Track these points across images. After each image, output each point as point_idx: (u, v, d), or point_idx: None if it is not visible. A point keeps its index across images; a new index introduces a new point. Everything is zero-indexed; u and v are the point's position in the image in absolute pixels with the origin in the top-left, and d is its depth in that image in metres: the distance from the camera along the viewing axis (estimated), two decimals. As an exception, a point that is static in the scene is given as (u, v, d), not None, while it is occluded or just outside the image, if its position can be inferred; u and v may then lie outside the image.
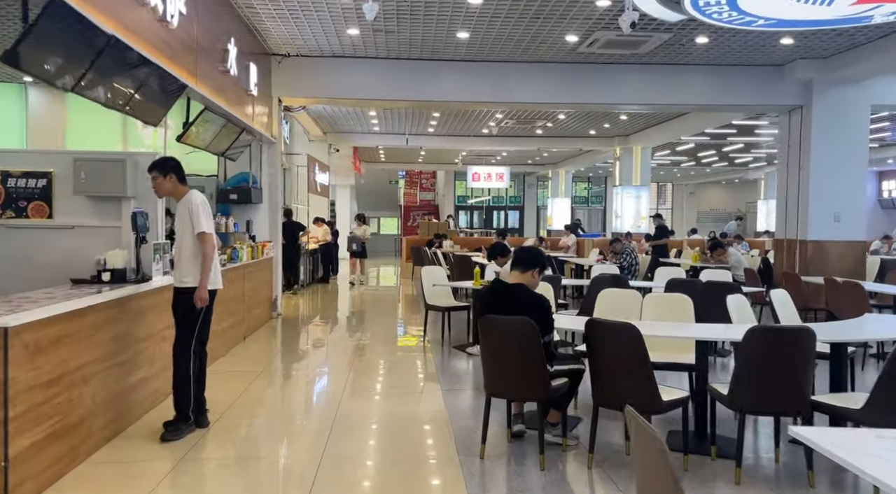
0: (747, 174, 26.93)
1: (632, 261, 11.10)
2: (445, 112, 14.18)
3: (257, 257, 8.38)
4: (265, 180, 9.46)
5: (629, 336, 3.47)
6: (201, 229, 4.18)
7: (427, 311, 7.82)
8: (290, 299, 12.10)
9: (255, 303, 8.43)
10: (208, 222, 4.24)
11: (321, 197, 16.40)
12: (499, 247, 7.10)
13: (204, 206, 4.23)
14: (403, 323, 9.71)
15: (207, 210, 4.25)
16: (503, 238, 12.76)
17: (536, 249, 4.19)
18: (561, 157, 23.32)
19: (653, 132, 16.01)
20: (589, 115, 14.26)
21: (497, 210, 31.90)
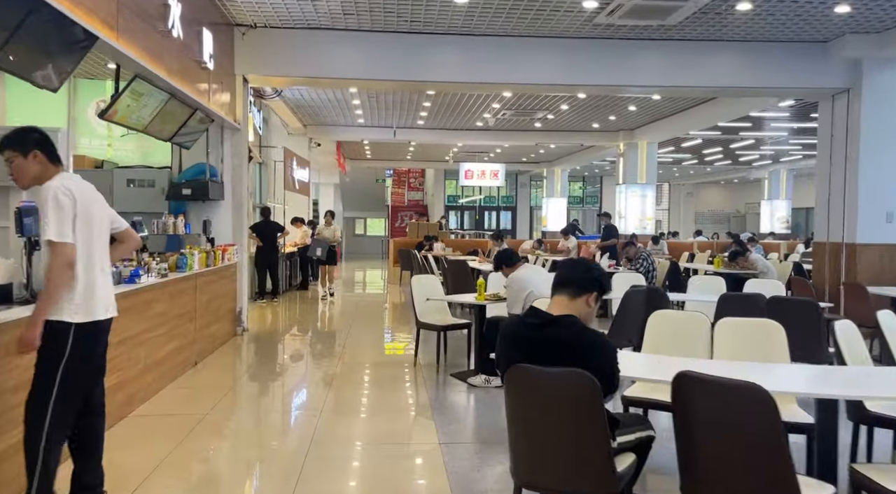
0: (750, 173, 25.84)
1: (649, 268, 9.81)
2: (437, 102, 12.84)
3: (215, 264, 6.99)
4: (228, 173, 8.06)
5: (754, 402, 2.14)
6: (46, 236, 2.77)
7: (419, 329, 6.46)
8: (263, 309, 10.70)
9: (213, 319, 7.03)
10: (62, 225, 2.81)
11: (301, 195, 14.99)
12: (506, 254, 5.77)
13: (58, 200, 2.79)
14: (391, 339, 8.34)
15: (65, 205, 2.82)
16: (501, 241, 11.44)
17: (589, 263, 2.80)
18: (558, 154, 22.05)
19: (660, 126, 14.76)
20: (595, 106, 12.97)
21: (489, 210, 30.62)
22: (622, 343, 5.30)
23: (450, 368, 6.33)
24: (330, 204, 23.53)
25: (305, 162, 14.78)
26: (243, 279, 8.23)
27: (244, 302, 8.31)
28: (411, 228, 17.19)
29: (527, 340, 2.51)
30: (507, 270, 5.68)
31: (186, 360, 6.10)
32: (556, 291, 2.59)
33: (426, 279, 6.67)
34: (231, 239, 8.08)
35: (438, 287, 6.66)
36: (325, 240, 11.80)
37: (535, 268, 5.91)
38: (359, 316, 10.35)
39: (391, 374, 6.29)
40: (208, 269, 6.76)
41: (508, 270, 5.67)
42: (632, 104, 12.70)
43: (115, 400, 4.48)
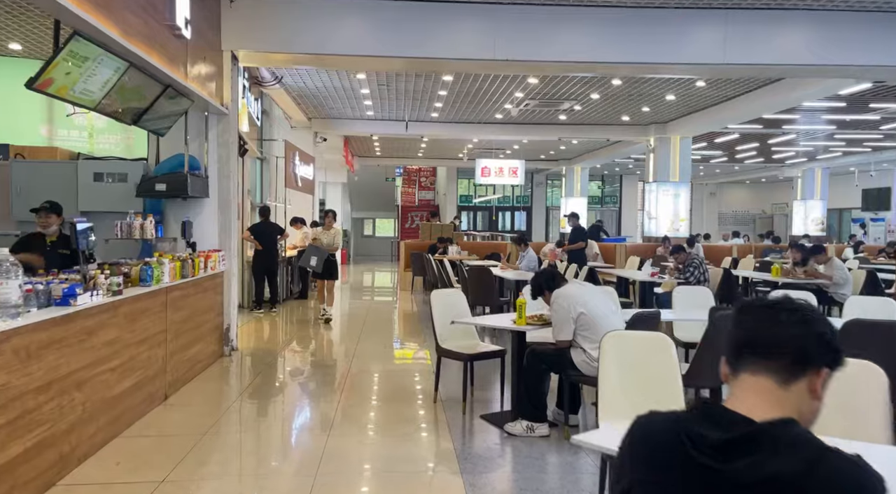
0: (782, 171, 24.42)
1: (700, 277, 8.54)
2: (454, 90, 11.61)
3: (194, 273, 5.80)
4: (213, 166, 6.87)
5: None
6: None
7: (440, 358, 5.23)
8: (260, 321, 9.51)
9: (192, 340, 5.84)
10: None
11: (304, 193, 13.80)
12: (547, 276, 4.58)
13: None
14: (404, 364, 7.11)
15: None
16: (525, 245, 10.18)
17: (803, 308, 1.47)
18: (579, 151, 20.76)
19: (697, 119, 13.46)
20: (629, 94, 11.70)
21: (502, 211, 29.38)
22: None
23: (478, 407, 5.10)
24: (337, 203, 22.38)
25: (310, 157, 13.61)
26: (232, 290, 7.04)
27: (233, 316, 7.12)
28: (423, 229, 15.98)
29: (698, 477, 1.23)
30: (549, 294, 4.46)
31: (152, 396, 4.91)
32: (741, 362, 1.32)
33: (449, 295, 5.43)
34: (217, 243, 6.89)
35: (464, 305, 5.42)
36: (323, 247, 9.20)
37: (582, 284, 4.67)
38: (366, 330, 9.14)
39: (405, 414, 5.07)
40: (186, 281, 5.57)
41: (550, 294, 4.45)
42: (671, 92, 11.41)
43: (38, 464, 3.29)
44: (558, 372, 4.50)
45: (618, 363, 3.24)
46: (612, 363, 3.23)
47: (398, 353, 7.64)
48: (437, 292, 5.34)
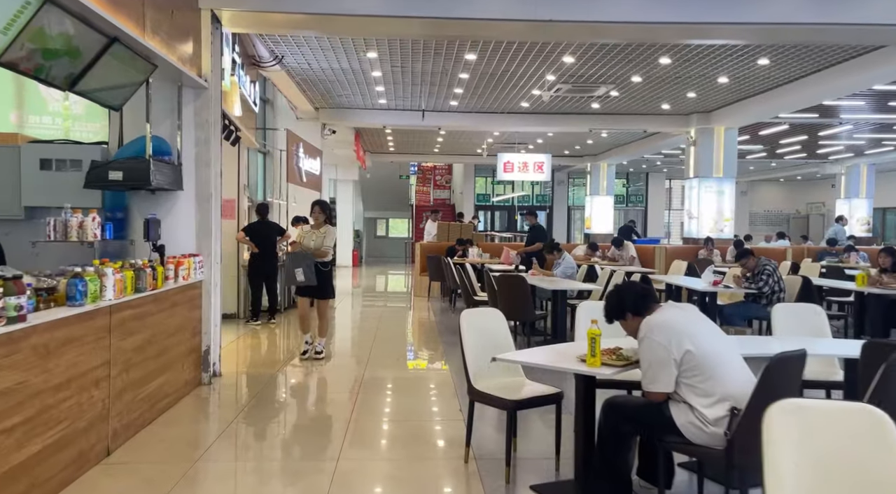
0: (823, 168, 22.81)
1: (775, 287, 7.14)
2: (477, 73, 10.27)
3: (157, 286, 4.53)
4: (190, 151, 5.59)
5: None
6: None
7: (473, 402, 3.88)
8: (256, 335, 8.24)
9: (151, 372, 4.56)
10: None
11: (310, 190, 12.53)
12: (635, 294, 3.21)
13: None
14: (424, 398, 5.78)
15: None
16: (560, 253, 8.80)
17: None
18: (607, 145, 19.33)
19: (746, 106, 12.01)
20: (676, 76, 10.29)
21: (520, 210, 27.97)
22: None
23: (526, 470, 3.76)
24: (349, 202, 21.16)
25: (316, 151, 12.34)
26: (213, 303, 5.74)
27: (215, 335, 5.83)
28: (441, 230, 14.65)
29: None
30: (634, 320, 3.13)
31: (84, 455, 3.62)
32: None
33: (484, 317, 4.07)
34: (194, 247, 5.61)
35: (504, 331, 4.07)
36: (308, 255, 6.47)
37: (684, 308, 3.29)
38: (377, 349, 7.82)
39: (429, 475, 3.74)
40: (142, 295, 4.29)
41: (635, 319, 3.11)
42: (726, 73, 9.98)
43: None
44: (648, 437, 3.15)
45: (800, 456, 1.89)
46: (788, 456, 1.89)
47: (416, 382, 6.30)
48: (470, 314, 3.99)
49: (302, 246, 6.61)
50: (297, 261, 6.41)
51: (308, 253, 6.44)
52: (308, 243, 6.61)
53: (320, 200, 6.91)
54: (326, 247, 6.59)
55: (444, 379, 6.09)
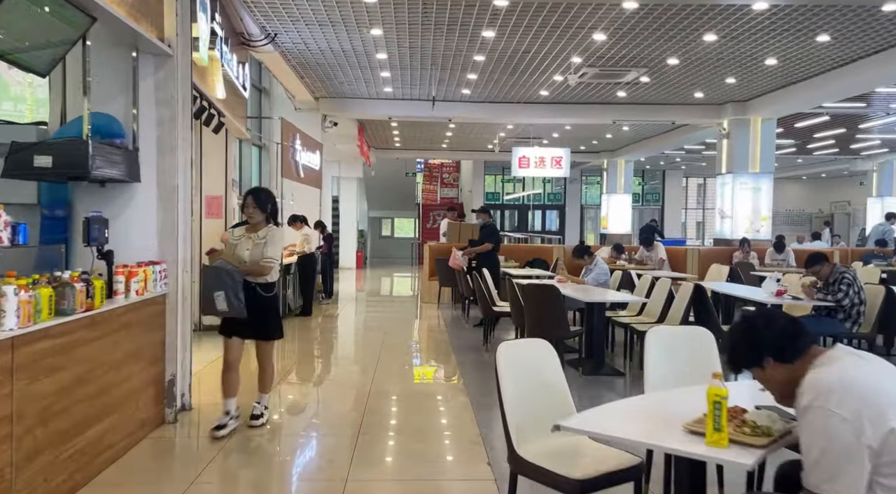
0: (854, 164, 21.61)
1: (854, 298, 6.01)
2: (496, 53, 9.16)
3: (95, 305, 3.45)
4: (150, 134, 4.50)
5: None
6: None
7: (516, 476, 2.76)
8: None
9: (84, 420, 3.48)
10: None
11: (309, 186, 11.44)
12: (780, 331, 2.07)
13: None
14: (438, 441, 4.68)
15: None
16: (591, 257, 7.67)
17: None
18: (627, 140, 18.20)
19: (791, 93, 10.85)
20: (718, 57, 9.16)
21: (532, 209, 26.85)
22: None
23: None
24: (353, 200, 20.08)
25: (315, 143, 11.26)
26: (180, 321, 4.65)
27: (182, 361, 4.74)
28: (451, 230, 13.52)
29: None
30: (778, 369, 2.02)
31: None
32: None
33: (528, 353, 2.95)
34: (156, 253, 4.52)
35: (557, 373, 2.95)
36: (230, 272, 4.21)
37: (863, 355, 2.09)
38: (381, 369, 6.72)
39: None
40: (68, 320, 3.22)
41: (781, 369, 2.01)
42: (776, 53, 8.83)
43: None
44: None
45: None
46: None
47: (433, 428, 5.19)
48: (509, 348, 2.88)
49: (226, 258, 4.30)
50: (216, 280, 4.14)
51: (234, 270, 4.18)
52: (239, 253, 4.29)
53: (257, 189, 4.54)
54: (268, 261, 4.27)
55: (462, 416, 4.98)
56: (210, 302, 4.18)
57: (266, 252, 4.29)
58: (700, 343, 3.34)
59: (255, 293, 4.28)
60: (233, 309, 4.17)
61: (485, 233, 9.31)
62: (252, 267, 4.28)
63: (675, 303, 6.27)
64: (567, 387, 2.96)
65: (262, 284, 4.35)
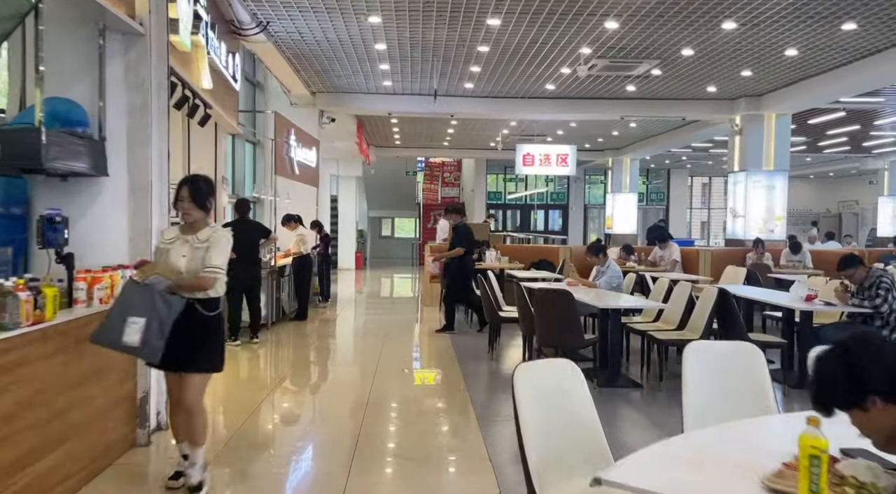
0: (864, 163, 21.15)
1: (894, 304, 5.52)
2: (500, 45, 8.69)
3: (47, 317, 2.98)
4: (118, 124, 4.03)
5: None
6: None
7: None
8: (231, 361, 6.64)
9: (43, 446, 3.00)
10: None
11: (304, 184, 10.97)
12: (892, 363, 1.58)
13: None
14: (440, 462, 4.20)
15: None
16: (604, 257, 7.18)
17: None
18: (634, 137, 17.73)
19: (808, 87, 10.37)
20: (735, 48, 8.68)
21: (534, 209, 26.39)
22: None
23: None
24: (352, 200, 19.61)
25: (311, 139, 10.78)
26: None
27: (158, 375, 4.26)
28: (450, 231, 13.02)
29: None
30: (889, 410, 1.54)
31: None
32: None
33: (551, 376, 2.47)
34: (127, 256, 4.04)
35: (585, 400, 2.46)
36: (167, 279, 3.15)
37: None
38: (380, 379, 6.25)
39: None
40: (9, 336, 2.74)
41: (891, 410, 1.53)
42: (796, 44, 8.36)
43: None
44: None
45: None
46: None
47: (436, 449, 4.72)
48: (528, 372, 2.40)
49: (158, 268, 3.19)
50: (141, 303, 3.00)
51: (176, 299, 3.10)
52: (173, 261, 3.23)
53: (195, 177, 3.41)
54: (211, 271, 3.21)
55: (468, 435, 4.50)
56: (113, 329, 2.98)
57: (209, 259, 3.21)
58: (749, 362, 2.85)
59: (191, 311, 3.20)
60: (146, 349, 2.99)
61: (456, 235, 8.43)
62: (190, 280, 3.20)
63: (696, 310, 5.79)
64: (597, 418, 2.48)
65: (202, 300, 3.26)
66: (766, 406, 2.72)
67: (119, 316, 2.99)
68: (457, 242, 8.37)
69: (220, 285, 3.30)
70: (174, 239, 3.33)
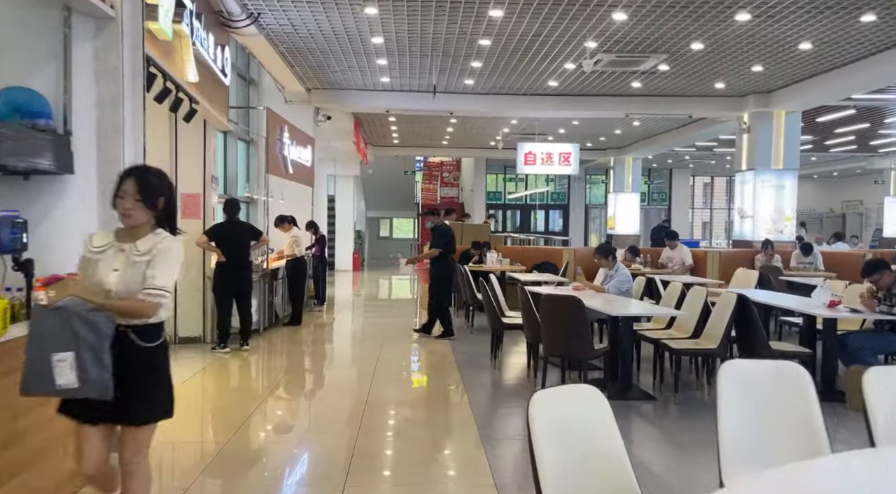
0: (871, 162, 20.81)
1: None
2: (500, 39, 8.33)
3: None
4: (86, 116, 3.66)
5: None
6: None
7: None
8: (220, 369, 6.30)
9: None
10: None
11: (299, 184, 10.61)
12: None
13: None
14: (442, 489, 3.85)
15: None
16: (613, 260, 6.83)
17: None
18: (637, 136, 17.38)
19: (820, 83, 10.02)
20: (749, 42, 8.34)
21: (534, 209, 26.06)
22: None
23: None
24: (349, 200, 19.25)
25: (307, 137, 10.42)
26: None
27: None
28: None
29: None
30: None
31: None
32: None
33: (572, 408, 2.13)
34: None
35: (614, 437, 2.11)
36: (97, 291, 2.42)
37: None
38: (376, 391, 5.89)
39: None
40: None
41: None
42: (811, 36, 8.02)
43: None
44: None
45: None
46: None
47: (436, 473, 4.36)
48: (546, 403, 2.04)
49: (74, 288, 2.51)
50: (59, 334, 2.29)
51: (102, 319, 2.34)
52: (101, 276, 2.46)
53: (142, 168, 2.66)
54: (153, 293, 2.42)
55: (472, 457, 4.14)
56: (40, 374, 2.32)
57: (151, 277, 2.42)
58: (794, 385, 2.49)
59: (125, 342, 2.42)
60: (88, 386, 2.30)
61: (434, 236, 8.03)
62: (125, 303, 2.41)
63: (714, 317, 5.44)
64: (625, 455, 2.12)
65: (138, 327, 2.46)
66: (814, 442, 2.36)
67: (38, 357, 2.30)
68: (433, 243, 8.01)
69: (163, 310, 2.48)
70: (105, 246, 2.50)
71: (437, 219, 8.42)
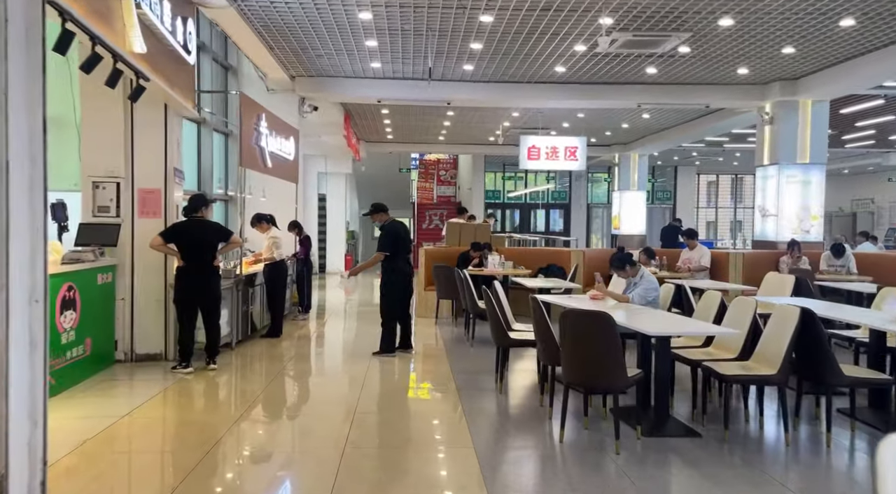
0: (886, 158, 19.96)
1: None
2: (504, 15, 7.37)
3: None
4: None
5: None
6: None
7: None
8: (178, 397, 5.31)
9: None
10: None
11: (279, 180, 9.60)
12: None
13: None
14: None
15: None
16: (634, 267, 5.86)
17: None
18: (645, 130, 16.45)
19: (860, 66, 9.07)
20: (784, 14, 7.39)
21: (534, 209, 25.13)
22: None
23: None
24: (341, 198, 18.28)
25: (289, 128, 9.42)
26: (17, 382, 2.82)
27: (30, 441, 2.91)
28: (451, 231, 11.73)
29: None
30: None
31: None
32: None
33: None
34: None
35: None
36: None
37: None
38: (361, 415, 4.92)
39: None
40: None
41: None
42: (853, 13, 7.07)
43: None
44: None
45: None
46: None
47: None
48: None
49: None
50: None
51: None
52: None
53: None
54: None
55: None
56: None
57: None
58: None
59: None
60: None
61: (379, 237, 6.89)
62: None
63: (768, 335, 4.49)
64: None
65: None
66: None
67: None
68: (378, 246, 6.84)
69: None
70: None
71: (385, 216, 6.92)
